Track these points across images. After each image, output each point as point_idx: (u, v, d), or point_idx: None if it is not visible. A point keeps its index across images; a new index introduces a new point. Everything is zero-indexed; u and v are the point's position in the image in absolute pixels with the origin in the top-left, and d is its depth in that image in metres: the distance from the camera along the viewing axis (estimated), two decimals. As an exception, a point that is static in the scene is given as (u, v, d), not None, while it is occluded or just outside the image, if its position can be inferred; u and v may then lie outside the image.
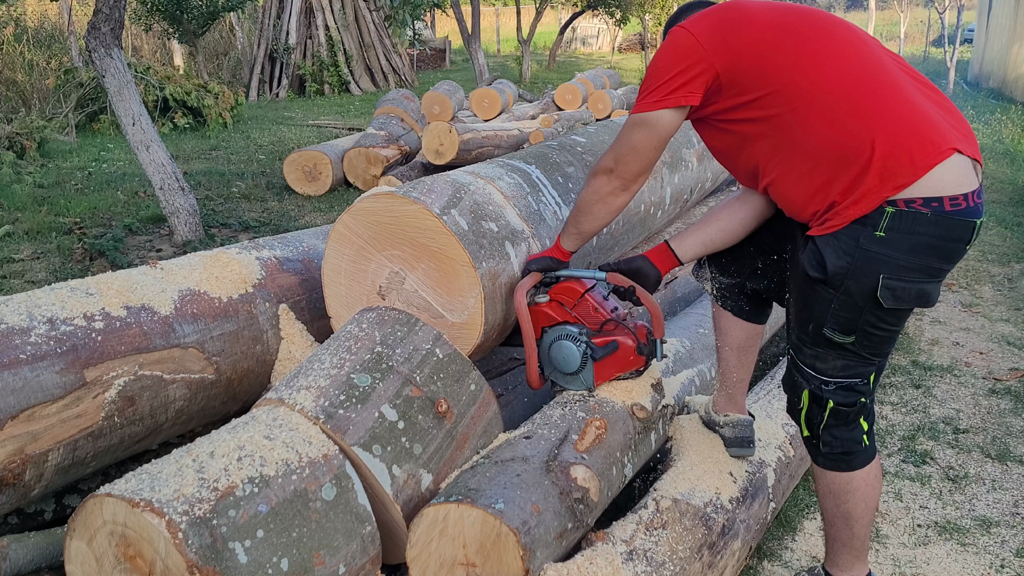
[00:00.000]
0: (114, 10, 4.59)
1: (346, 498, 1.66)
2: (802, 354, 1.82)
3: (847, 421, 1.82)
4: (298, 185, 6.71)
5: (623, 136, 1.85)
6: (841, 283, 1.67)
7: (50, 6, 14.89)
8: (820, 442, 1.85)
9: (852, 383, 1.78)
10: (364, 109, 12.40)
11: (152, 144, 4.86)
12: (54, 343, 1.82)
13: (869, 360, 1.76)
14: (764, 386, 2.71)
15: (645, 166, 1.86)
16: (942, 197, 1.59)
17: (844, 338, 1.72)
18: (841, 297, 1.69)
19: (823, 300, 1.72)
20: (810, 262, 1.71)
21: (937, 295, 1.72)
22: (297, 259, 2.50)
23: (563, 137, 2.89)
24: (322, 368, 1.88)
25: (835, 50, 1.70)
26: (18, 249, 5.01)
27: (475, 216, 2.12)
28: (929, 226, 1.61)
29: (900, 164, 1.60)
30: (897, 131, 1.61)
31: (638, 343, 2.07)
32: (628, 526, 1.84)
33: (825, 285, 1.70)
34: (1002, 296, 4.38)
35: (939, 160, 1.59)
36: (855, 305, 1.68)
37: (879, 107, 1.64)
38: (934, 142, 1.61)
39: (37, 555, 1.82)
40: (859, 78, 1.67)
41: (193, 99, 9.91)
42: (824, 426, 1.83)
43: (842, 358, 1.76)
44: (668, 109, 1.76)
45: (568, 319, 2.11)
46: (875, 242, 1.63)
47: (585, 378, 2.12)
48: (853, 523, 1.88)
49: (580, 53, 25.87)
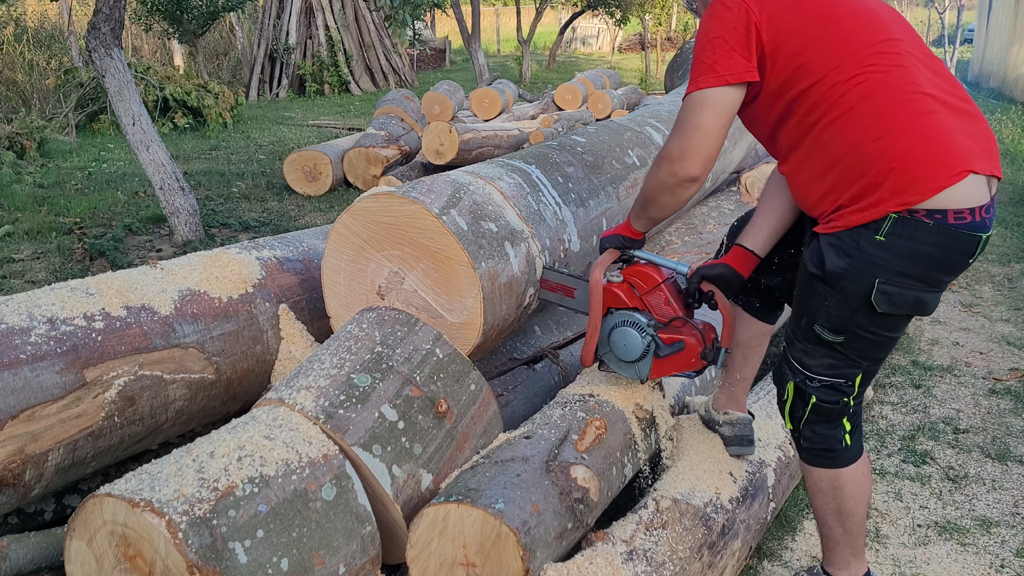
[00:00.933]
0: (114, 10, 4.59)
1: (346, 498, 1.66)
2: (793, 347, 1.83)
3: (829, 419, 1.82)
4: (298, 185, 6.71)
5: (684, 120, 1.73)
6: (837, 282, 1.68)
7: (50, 6, 14.90)
8: (801, 436, 1.87)
9: (837, 383, 1.78)
10: (364, 109, 12.41)
11: (152, 144, 4.86)
12: (54, 343, 1.82)
13: (856, 363, 1.76)
14: (764, 386, 2.71)
15: (711, 151, 1.73)
16: (947, 210, 1.59)
17: (833, 337, 1.73)
18: (836, 296, 1.69)
19: (818, 296, 1.72)
20: (811, 258, 1.72)
21: (935, 305, 1.71)
22: (297, 259, 2.50)
23: (563, 137, 2.89)
24: (322, 368, 1.88)
25: (874, 55, 1.66)
26: (18, 249, 5.01)
27: (474, 216, 2.12)
28: (930, 236, 1.60)
29: (912, 184, 1.60)
30: (916, 151, 1.60)
31: (704, 347, 2.01)
32: (628, 526, 1.84)
33: (823, 282, 1.70)
34: (1002, 296, 4.38)
35: (951, 183, 1.59)
36: (849, 306, 1.68)
37: (904, 123, 1.62)
38: (950, 164, 1.60)
39: (37, 555, 1.82)
40: (891, 88, 1.64)
41: (193, 99, 9.92)
42: (806, 421, 1.84)
43: (829, 357, 1.76)
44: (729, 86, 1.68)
45: (638, 305, 2.02)
46: (875, 245, 1.63)
47: (640, 369, 2.04)
48: (845, 519, 1.89)
49: (580, 53, 25.88)
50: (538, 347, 2.65)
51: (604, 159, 2.78)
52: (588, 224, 2.55)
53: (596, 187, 2.65)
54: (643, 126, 3.20)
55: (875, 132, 1.62)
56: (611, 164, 2.79)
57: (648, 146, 3.07)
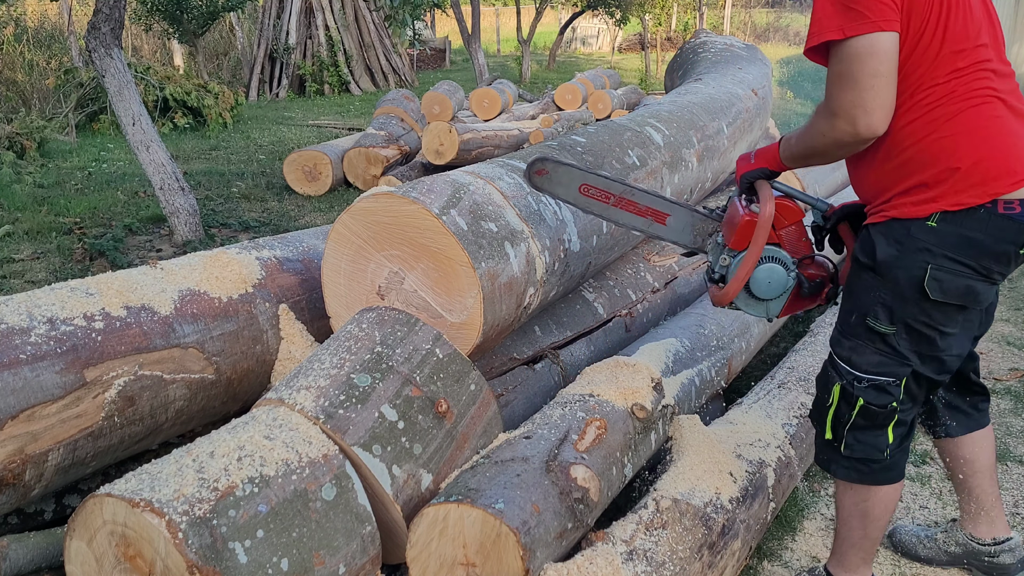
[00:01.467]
0: (114, 10, 4.59)
1: (346, 498, 1.67)
2: (840, 347, 1.82)
3: (874, 424, 1.80)
4: (298, 185, 6.71)
5: (850, 72, 1.58)
6: (889, 271, 1.69)
7: (50, 6, 14.90)
8: (843, 444, 1.83)
9: (885, 382, 1.77)
10: (364, 109, 12.40)
11: (152, 144, 4.86)
12: (54, 343, 1.82)
13: (905, 360, 1.75)
14: (764, 386, 2.71)
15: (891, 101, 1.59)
16: (997, 199, 1.62)
17: (887, 328, 1.73)
18: (888, 286, 1.70)
19: (869, 288, 1.73)
20: (862, 248, 1.74)
21: (988, 296, 1.72)
22: (297, 259, 2.50)
23: (563, 137, 2.88)
24: (322, 368, 1.88)
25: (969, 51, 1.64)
26: (18, 249, 5.01)
27: (474, 216, 2.12)
28: (979, 223, 1.63)
29: (973, 187, 1.62)
30: (983, 156, 1.62)
31: (832, 286, 1.97)
32: (628, 526, 1.84)
33: (873, 273, 1.72)
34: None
35: (1011, 190, 1.62)
36: (900, 295, 1.70)
37: (974, 125, 1.63)
38: (1012, 172, 1.62)
39: (37, 555, 1.82)
40: (970, 91, 1.64)
41: (193, 99, 9.91)
42: (850, 426, 1.82)
43: (879, 353, 1.76)
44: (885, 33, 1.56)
45: (774, 240, 1.94)
46: (925, 231, 1.65)
47: (772, 307, 1.97)
48: (869, 523, 1.87)
49: (580, 53, 25.87)
50: (538, 347, 2.65)
51: (604, 159, 2.78)
52: (588, 224, 2.55)
53: (596, 187, 2.65)
54: (643, 126, 3.20)
55: (946, 130, 1.63)
56: (611, 164, 2.79)
57: (648, 146, 3.07)
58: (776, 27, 25.31)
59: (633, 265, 3.35)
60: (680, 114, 3.60)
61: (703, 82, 4.54)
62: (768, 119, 5.33)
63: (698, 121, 3.66)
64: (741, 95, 4.41)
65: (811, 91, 12.69)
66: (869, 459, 1.83)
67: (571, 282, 2.58)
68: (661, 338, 2.72)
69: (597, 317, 2.95)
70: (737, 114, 4.18)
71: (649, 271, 3.39)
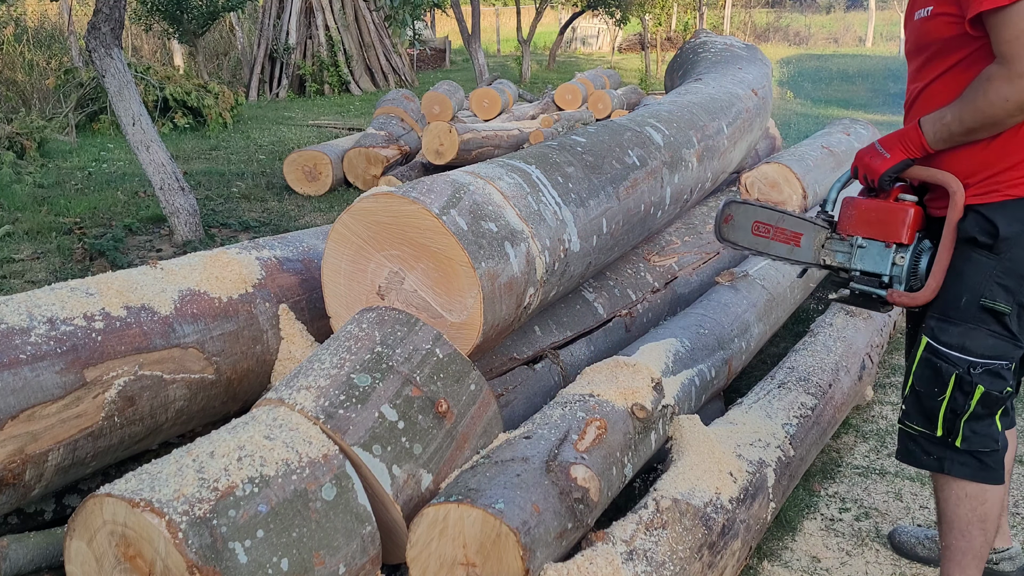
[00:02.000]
0: (114, 10, 4.59)
1: (346, 498, 1.67)
2: (947, 334, 1.78)
3: (992, 411, 1.77)
4: (298, 185, 6.71)
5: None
6: (1008, 249, 1.69)
7: (50, 6, 14.90)
8: (959, 437, 1.79)
9: (999, 366, 1.75)
10: (364, 109, 12.41)
11: (152, 144, 4.86)
12: (54, 343, 1.82)
13: (1018, 341, 1.75)
14: (764, 386, 2.71)
15: None
16: None
17: (1004, 307, 1.72)
18: (1004, 263, 1.70)
19: (981, 268, 1.73)
20: (976, 228, 1.72)
21: None
22: (297, 259, 2.50)
23: (563, 137, 2.88)
24: (322, 368, 1.88)
25: None
26: (18, 249, 5.01)
27: (474, 216, 2.12)
28: None
29: None
30: None
31: None
32: (628, 526, 1.84)
33: (989, 251, 1.71)
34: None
35: None
36: (1018, 273, 1.70)
37: None
38: None
39: (37, 555, 1.82)
40: None
41: (193, 99, 9.91)
42: (968, 417, 1.78)
43: (992, 335, 1.74)
44: None
45: None
46: None
47: None
48: (988, 528, 1.82)
49: (580, 53, 25.87)
50: (538, 347, 2.65)
51: (604, 159, 2.78)
52: (588, 224, 2.55)
53: (596, 187, 2.65)
54: (643, 126, 3.20)
55: None
56: (611, 164, 2.79)
57: (648, 146, 3.07)
58: (776, 27, 25.32)
59: (633, 265, 3.35)
60: (680, 114, 3.60)
61: (703, 82, 4.54)
62: (768, 119, 5.33)
63: (698, 121, 3.66)
64: (741, 95, 4.41)
65: (811, 91, 12.68)
66: (984, 451, 1.79)
67: (571, 282, 2.58)
68: (661, 338, 2.72)
69: (597, 317, 2.95)
70: (737, 114, 4.18)
71: (649, 271, 3.39)
